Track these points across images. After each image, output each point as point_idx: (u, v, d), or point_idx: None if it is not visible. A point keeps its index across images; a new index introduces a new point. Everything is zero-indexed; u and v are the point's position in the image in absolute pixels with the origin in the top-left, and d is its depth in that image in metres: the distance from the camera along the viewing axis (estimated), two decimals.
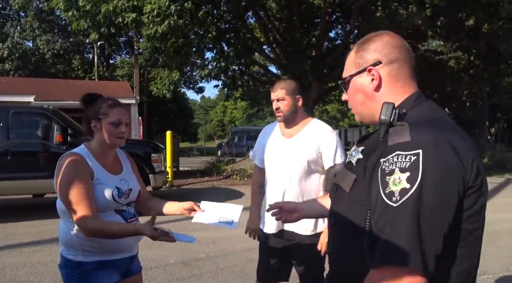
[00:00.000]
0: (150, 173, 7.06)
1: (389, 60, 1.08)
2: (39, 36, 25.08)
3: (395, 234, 0.86)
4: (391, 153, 0.93)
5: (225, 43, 11.85)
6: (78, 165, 1.70)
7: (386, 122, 0.99)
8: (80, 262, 1.71)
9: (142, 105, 23.48)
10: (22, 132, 6.82)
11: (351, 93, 1.16)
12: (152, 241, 1.66)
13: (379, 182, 0.92)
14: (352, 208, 1.06)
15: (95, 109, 1.78)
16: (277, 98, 2.21)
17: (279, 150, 2.27)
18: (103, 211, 1.73)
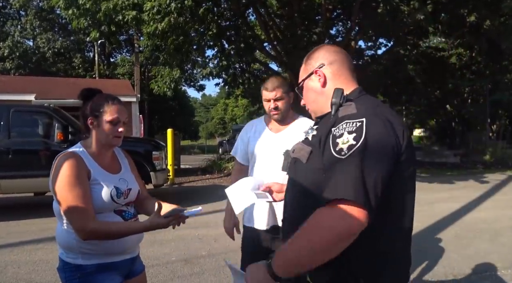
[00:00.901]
0: (151, 171, 7.05)
1: (329, 62, 1.32)
2: (40, 35, 25.06)
3: (343, 177, 1.05)
4: (340, 122, 1.15)
5: (226, 41, 11.81)
6: (74, 165, 1.62)
7: (337, 103, 1.21)
8: (79, 265, 1.65)
9: (143, 103, 23.49)
10: (23, 131, 6.80)
11: (305, 94, 1.39)
12: (153, 239, 1.63)
13: (330, 145, 1.12)
14: (309, 175, 1.21)
15: (93, 106, 1.72)
16: (275, 97, 2.22)
17: (268, 144, 2.28)
18: (101, 212, 1.65)
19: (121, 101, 1.80)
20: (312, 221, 1.06)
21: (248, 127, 2.44)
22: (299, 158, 1.26)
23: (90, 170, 1.67)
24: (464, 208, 6.89)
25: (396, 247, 1.19)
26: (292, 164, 1.33)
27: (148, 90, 24.59)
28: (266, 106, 2.28)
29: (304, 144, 1.29)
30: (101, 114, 1.70)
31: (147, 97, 25.22)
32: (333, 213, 1.03)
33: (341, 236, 1.03)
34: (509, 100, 20.07)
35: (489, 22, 10.48)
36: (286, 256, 1.11)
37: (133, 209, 1.84)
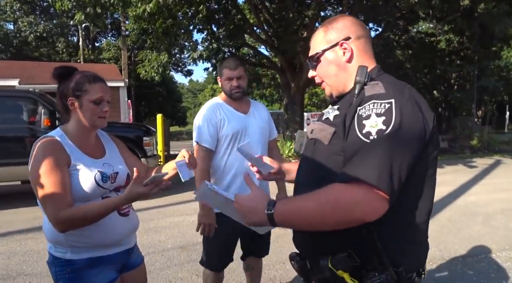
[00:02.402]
0: (143, 157, 6.92)
1: (357, 36, 1.24)
2: (21, 18, 24.26)
3: (368, 160, 1.00)
4: (367, 102, 1.08)
5: (215, 24, 11.57)
6: (50, 151, 1.49)
7: (361, 81, 1.15)
8: (69, 260, 1.54)
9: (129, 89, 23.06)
10: (7, 117, 6.57)
11: (323, 66, 1.28)
12: (147, 226, 1.51)
13: (355, 126, 1.06)
14: (331, 158, 1.14)
15: (73, 85, 1.57)
16: (239, 75, 2.29)
17: (244, 126, 2.32)
18: (88, 200, 1.53)
19: (103, 79, 1.66)
20: (329, 196, 1.02)
21: (213, 110, 2.33)
22: (320, 139, 1.19)
23: (70, 156, 1.53)
24: (455, 192, 6.96)
25: (419, 231, 1.17)
26: (310, 145, 1.26)
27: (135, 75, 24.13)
28: (227, 86, 2.32)
29: (325, 124, 1.20)
30: (83, 94, 1.56)
31: (134, 82, 24.77)
32: (352, 194, 0.99)
33: (357, 220, 1.01)
34: (495, 86, 20.32)
35: (483, 6, 10.44)
36: (291, 210, 1.08)
37: None
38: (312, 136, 1.24)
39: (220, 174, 2.33)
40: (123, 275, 1.71)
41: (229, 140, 2.30)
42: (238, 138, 2.31)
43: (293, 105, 13.08)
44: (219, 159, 2.33)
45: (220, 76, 2.36)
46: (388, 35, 15.00)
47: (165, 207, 5.91)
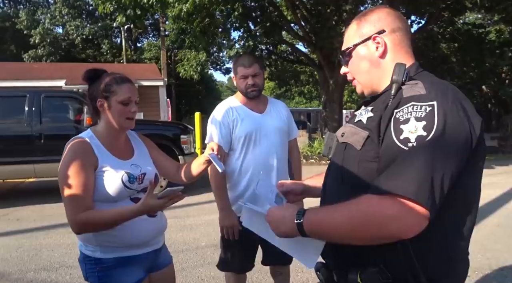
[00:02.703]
0: (180, 155, 7.04)
1: (392, 29, 1.13)
2: (69, 22, 25.45)
3: (407, 171, 0.90)
4: (406, 104, 0.97)
5: (252, 22, 11.56)
6: (78, 152, 1.54)
7: (399, 81, 1.04)
8: (99, 258, 1.58)
9: (170, 87, 23.60)
10: (54, 116, 6.89)
11: (355, 62, 1.19)
12: (183, 223, 1.51)
13: (392, 130, 0.96)
14: (364, 166, 1.05)
15: (102, 86, 1.60)
16: (254, 73, 2.18)
17: (259, 126, 2.21)
18: (116, 201, 1.56)
19: (131, 80, 1.68)
20: (361, 209, 0.95)
21: (225, 111, 2.24)
22: (352, 144, 1.09)
23: (98, 158, 1.56)
24: (505, 196, 6.51)
25: (460, 247, 1.07)
26: (340, 149, 1.16)
27: (175, 74, 24.67)
28: (242, 84, 2.21)
29: (358, 128, 1.10)
30: (112, 95, 1.59)
31: (174, 81, 25.32)
32: (387, 209, 0.91)
33: (391, 237, 0.93)
34: None
35: None
36: (321, 220, 1.03)
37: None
38: (343, 139, 1.14)
39: (236, 178, 2.22)
40: (151, 275, 1.73)
41: (243, 141, 2.19)
42: (253, 139, 2.20)
43: (331, 102, 12.83)
44: (234, 162, 2.23)
45: (235, 74, 2.25)
46: (432, 27, 14.32)
47: (201, 205, 5.97)
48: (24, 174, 6.69)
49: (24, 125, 6.49)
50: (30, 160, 6.31)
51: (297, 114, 30.03)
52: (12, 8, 28.73)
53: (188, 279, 3.35)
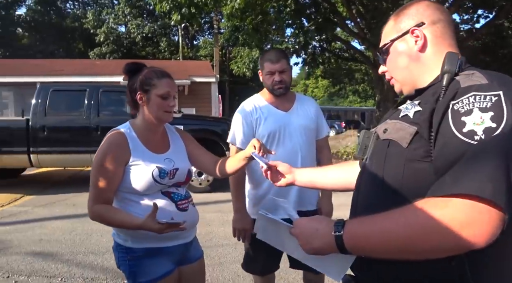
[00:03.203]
0: (227, 150, 7.11)
1: (432, 21, 1.04)
2: (130, 21, 26.81)
3: (476, 168, 0.78)
4: (465, 94, 0.86)
5: (305, 18, 11.40)
6: (112, 145, 1.59)
7: (452, 71, 0.94)
8: (129, 248, 1.62)
9: (223, 84, 24.05)
10: (111, 109, 7.28)
11: (393, 59, 1.10)
12: (225, 218, 1.50)
13: (451, 124, 0.85)
14: (411, 166, 0.92)
15: (142, 80, 1.63)
16: (282, 69, 2.07)
17: (283, 124, 2.11)
18: (146, 194, 1.60)
19: (170, 74, 1.69)
20: (422, 215, 0.80)
21: (248, 110, 2.15)
22: (397, 141, 0.97)
23: (131, 151, 1.60)
24: None
25: None
26: (382, 147, 1.03)
27: (228, 71, 25.10)
28: (269, 80, 2.09)
29: (403, 123, 0.98)
30: (151, 88, 1.61)
31: (227, 78, 25.77)
32: (457, 213, 0.77)
33: (462, 247, 0.78)
34: None
35: None
36: (368, 232, 0.88)
37: (184, 191, 1.73)
38: (385, 136, 1.02)
39: (258, 179, 2.13)
40: (181, 268, 1.74)
41: (266, 140, 2.08)
42: (276, 139, 2.10)
43: (386, 101, 12.33)
44: (255, 163, 2.18)
45: (261, 69, 2.14)
46: (502, 22, 13.26)
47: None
48: (82, 163, 7.11)
49: (83, 118, 6.93)
50: (88, 150, 6.70)
51: (351, 113, 29.29)
52: (81, 9, 30.81)
53: (225, 274, 3.36)
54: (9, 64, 15.84)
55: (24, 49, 28.43)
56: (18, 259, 3.72)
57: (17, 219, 5.20)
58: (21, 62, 16.36)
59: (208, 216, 5.00)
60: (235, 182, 2.15)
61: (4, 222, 5.03)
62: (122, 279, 3.15)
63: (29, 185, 7.57)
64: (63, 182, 8.11)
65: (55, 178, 8.45)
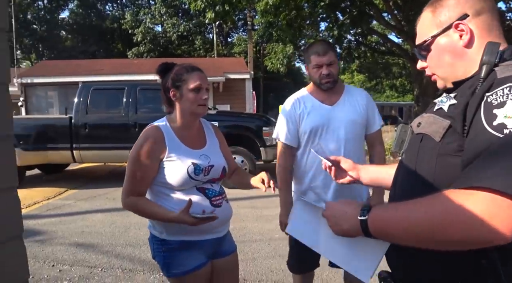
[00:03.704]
0: (261, 146, 7.14)
1: (476, 11, 0.97)
2: (166, 21, 27.41)
3: (501, 161, 0.74)
4: (501, 85, 0.82)
5: (340, 12, 11.19)
6: (149, 140, 1.62)
7: (491, 62, 0.89)
8: (164, 240, 1.66)
9: (258, 81, 24.10)
10: (148, 107, 7.47)
11: (435, 56, 1.04)
12: (259, 214, 1.51)
13: (482, 116, 0.81)
14: (444, 160, 0.90)
15: (173, 77, 1.67)
16: (329, 62, 2.00)
17: (326, 120, 2.04)
18: (182, 189, 1.62)
19: (200, 68, 1.71)
20: (445, 205, 0.78)
21: (293, 104, 2.12)
22: (430, 135, 0.95)
23: (167, 146, 1.63)
24: None
25: None
26: (415, 141, 1.01)
27: (263, 68, 25.11)
28: (316, 74, 2.02)
29: (437, 116, 0.95)
30: (183, 84, 1.64)
31: (262, 74, 25.80)
32: (478, 207, 0.74)
33: (482, 241, 0.76)
34: None
35: None
36: (391, 218, 0.88)
37: (219, 187, 1.75)
38: (418, 130, 1.00)
39: (301, 174, 2.12)
40: (214, 261, 1.76)
41: (308, 136, 2.06)
42: (319, 134, 2.05)
43: (425, 96, 11.90)
44: (299, 158, 2.12)
45: (307, 63, 2.08)
46: None
47: None
48: (121, 159, 7.33)
49: (122, 115, 7.17)
50: (127, 146, 6.90)
51: (388, 109, 28.52)
52: (119, 11, 31.84)
53: (258, 269, 3.37)
54: (54, 65, 16.65)
55: (67, 50, 29.79)
56: (62, 249, 3.90)
57: (61, 211, 5.47)
58: (64, 63, 17.15)
59: (242, 211, 5.04)
60: (283, 177, 2.14)
61: (50, 214, 5.30)
62: (158, 271, 3.23)
63: (72, 179, 7.94)
64: (103, 177, 8.43)
65: (96, 173, 8.80)
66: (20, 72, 15.04)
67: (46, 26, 30.48)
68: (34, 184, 7.25)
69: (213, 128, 1.88)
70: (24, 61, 30.88)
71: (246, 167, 6.75)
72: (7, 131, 0.73)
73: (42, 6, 31.86)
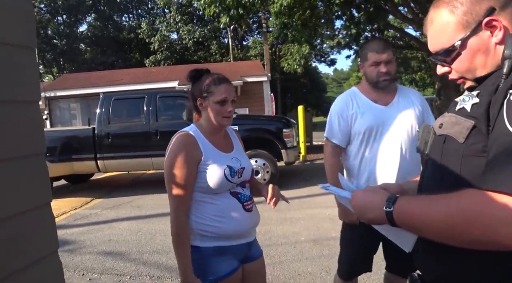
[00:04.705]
0: (282, 148, 7.10)
1: (502, 4, 0.89)
2: (182, 28, 27.72)
3: None
4: None
5: (355, 9, 11.07)
6: (184, 146, 1.63)
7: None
8: (197, 247, 1.67)
9: (275, 82, 24.06)
10: (168, 114, 7.55)
11: (466, 60, 0.94)
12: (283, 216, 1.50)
13: (504, 115, 0.78)
14: (469, 162, 0.87)
15: (201, 86, 1.70)
16: (388, 59, 1.96)
17: (381, 120, 2.00)
18: (217, 193, 1.65)
19: (228, 80, 1.74)
20: (466, 203, 0.77)
21: (345, 103, 2.08)
22: (453, 136, 0.91)
23: (202, 151, 1.65)
24: None
25: None
26: (438, 143, 0.98)
27: (279, 69, 25.08)
28: (373, 72, 1.98)
29: (459, 117, 0.92)
30: (209, 95, 1.67)
31: (279, 76, 25.75)
32: (497, 210, 0.72)
33: (499, 243, 0.74)
34: None
35: None
36: (415, 211, 0.87)
37: (249, 191, 1.78)
38: (441, 132, 0.97)
39: (356, 176, 2.06)
40: (244, 266, 1.78)
41: (361, 137, 2.01)
42: (373, 136, 2.00)
43: (447, 89, 11.62)
44: (352, 160, 2.08)
45: (364, 61, 2.04)
46: None
47: (303, 198, 5.94)
48: (144, 167, 7.47)
49: (143, 123, 7.27)
50: (149, 154, 7.02)
51: None
52: (135, 21, 32.42)
53: (285, 273, 3.34)
54: (75, 78, 17.06)
55: (87, 62, 30.48)
56: (91, 258, 3.97)
57: (88, 221, 5.58)
58: (85, 75, 17.55)
59: (266, 215, 5.01)
60: (332, 176, 2.09)
61: (78, 224, 5.41)
62: None
63: (97, 189, 8.10)
64: (127, 185, 8.56)
65: (120, 182, 8.94)
66: (43, 86, 15.48)
67: (66, 40, 31.27)
68: (60, 194, 7.43)
69: (235, 133, 1.92)
70: (46, 75, 31.80)
71: (268, 170, 6.73)
72: (41, 149, 0.74)
73: (62, 21, 32.73)
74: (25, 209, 0.72)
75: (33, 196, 0.74)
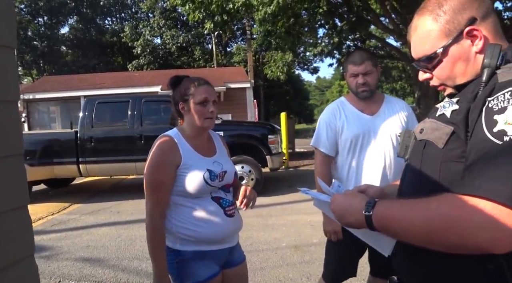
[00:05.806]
0: (267, 154, 7.10)
1: (483, 14, 0.93)
2: (165, 32, 27.62)
3: (499, 169, 0.73)
4: (502, 90, 0.80)
5: (338, 18, 11.24)
6: (164, 150, 1.64)
7: (493, 65, 0.87)
8: (177, 250, 1.67)
9: (258, 89, 24.16)
10: (153, 118, 7.48)
11: (446, 67, 0.97)
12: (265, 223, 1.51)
13: (483, 122, 0.80)
14: (447, 167, 0.89)
15: (182, 91, 1.71)
16: (366, 71, 2.00)
17: (367, 129, 2.03)
18: (198, 197, 1.65)
19: (208, 82, 1.75)
20: (444, 208, 0.78)
21: (333, 113, 2.12)
22: (432, 141, 0.93)
23: (182, 155, 1.65)
24: None
25: None
26: (418, 148, 1.00)
27: (263, 76, 25.21)
28: (352, 83, 2.04)
29: (440, 122, 0.94)
30: (190, 97, 1.68)
31: (262, 82, 25.88)
32: (475, 215, 0.73)
33: (477, 248, 0.75)
34: None
35: None
36: (394, 216, 0.88)
37: (231, 196, 1.78)
38: (421, 137, 0.99)
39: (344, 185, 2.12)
40: (225, 271, 1.78)
41: (348, 147, 2.04)
42: (359, 145, 2.03)
43: (426, 98, 11.89)
44: (340, 170, 2.10)
45: (346, 71, 2.09)
46: None
47: (285, 205, 5.95)
48: (127, 171, 7.35)
49: (127, 127, 7.18)
50: (132, 158, 6.92)
51: None
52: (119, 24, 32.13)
53: (266, 279, 3.34)
54: (55, 80, 16.76)
55: (68, 65, 30.03)
56: (68, 265, 3.88)
57: (66, 226, 5.45)
58: (65, 78, 17.29)
59: (248, 221, 4.99)
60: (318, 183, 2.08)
61: (55, 230, 5.28)
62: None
63: (76, 193, 7.93)
64: (107, 190, 8.42)
65: (100, 187, 8.79)
66: (22, 88, 15.13)
67: (46, 42, 30.74)
68: (38, 199, 7.25)
69: (219, 137, 1.93)
70: (25, 77, 31.12)
71: (253, 176, 6.73)
72: (19, 149, 0.73)
73: (42, 23, 32.18)
74: (1, 210, 0.71)
75: (9, 198, 0.73)
